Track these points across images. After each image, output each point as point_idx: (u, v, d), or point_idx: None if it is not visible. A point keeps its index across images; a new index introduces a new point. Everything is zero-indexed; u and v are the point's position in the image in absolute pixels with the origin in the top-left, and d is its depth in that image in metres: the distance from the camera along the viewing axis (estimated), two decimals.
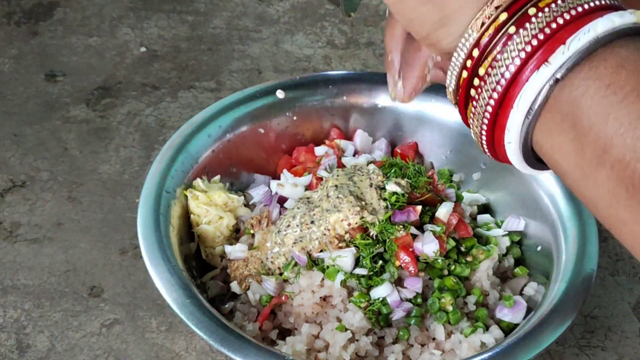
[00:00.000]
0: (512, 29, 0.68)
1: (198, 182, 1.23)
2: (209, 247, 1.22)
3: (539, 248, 1.23)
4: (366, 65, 1.69)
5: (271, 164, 1.35)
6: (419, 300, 1.12)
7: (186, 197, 1.21)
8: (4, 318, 1.23)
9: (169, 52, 1.70)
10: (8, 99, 1.58)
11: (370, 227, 1.12)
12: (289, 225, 1.15)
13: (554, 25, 0.67)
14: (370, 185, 1.15)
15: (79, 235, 1.34)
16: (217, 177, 1.27)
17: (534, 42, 0.67)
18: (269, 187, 1.30)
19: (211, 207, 1.21)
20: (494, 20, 0.69)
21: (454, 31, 0.73)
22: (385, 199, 1.14)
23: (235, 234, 1.25)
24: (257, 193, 1.29)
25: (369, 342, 1.10)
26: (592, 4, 0.67)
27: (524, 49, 0.67)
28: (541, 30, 0.67)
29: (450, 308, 1.11)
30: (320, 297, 1.12)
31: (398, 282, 1.13)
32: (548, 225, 1.20)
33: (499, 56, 0.69)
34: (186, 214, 1.22)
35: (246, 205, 1.29)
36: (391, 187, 1.15)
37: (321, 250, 1.13)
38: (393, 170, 1.20)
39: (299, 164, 1.33)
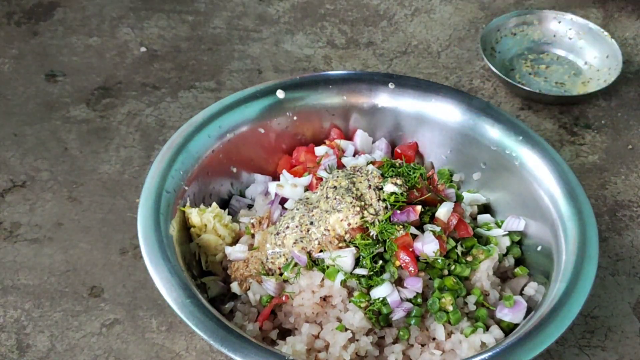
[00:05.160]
0: None
1: (193, 212, 1.20)
2: (211, 255, 1.21)
3: (539, 248, 1.23)
4: (366, 65, 1.69)
5: (271, 164, 1.35)
6: (419, 300, 1.12)
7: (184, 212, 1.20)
8: (4, 318, 1.23)
9: (169, 52, 1.70)
10: (8, 99, 1.58)
11: (370, 227, 1.12)
12: (287, 227, 1.15)
13: None
14: (369, 187, 1.15)
15: (79, 235, 1.34)
16: (214, 206, 1.23)
17: None
18: (267, 191, 1.30)
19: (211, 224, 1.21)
20: None
21: None
22: (384, 200, 1.14)
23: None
24: (258, 203, 1.29)
25: (369, 342, 1.10)
26: None
27: None
28: None
29: (450, 308, 1.11)
30: (320, 297, 1.12)
31: (398, 282, 1.13)
32: (548, 225, 1.20)
33: None
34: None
35: (250, 205, 1.30)
36: (389, 187, 1.15)
37: (321, 251, 1.13)
38: (390, 170, 1.20)
39: (299, 164, 1.33)
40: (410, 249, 1.12)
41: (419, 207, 1.14)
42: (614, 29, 1.79)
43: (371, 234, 1.12)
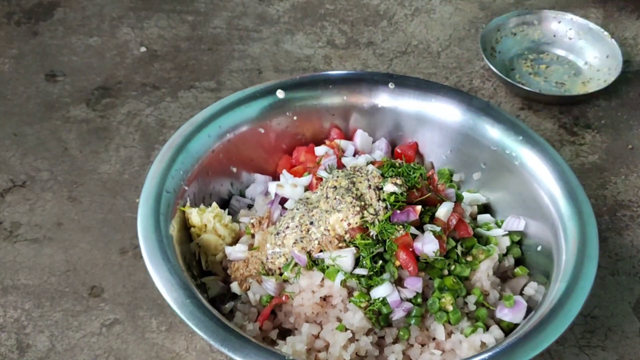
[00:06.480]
0: None
1: (193, 212, 1.20)
2: (211, 255, 1.21)
3: (539, 248, 1.23)
4: (366, 65, 1.69)
5: (271, 163, 1.35)
6: (419, 300, 1.12)
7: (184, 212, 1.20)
8: (4, 318, 1.23)
9: (169, 52, 1.70)
10: (8, 99, 1.58)
11: (370, 227, 1.12)
12: (287, 227, 1.15)
13: None
14: (369, 187, 1.15)
15: (79, 235, 1.34)
16: (214, 206, 1.23)
17: None
18: (267, 191, 1.30)
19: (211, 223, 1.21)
20: None
21: None
22: (384, 200, 1.14)
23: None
24: (258, 203, 1.29)
25: (369, 342, 1.10)
26: None
27: None
28: None
29: (450, 308, 1.11)
30: (321, 297, 1.12)
31: (398, 282, 1.13)
32: (548, 225, 1.20)
33: None
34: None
35: (250, 205, 1.30)
36: (389, 187, 1.15)
37: (321, 251, 1.13)
38: (390, 170, 1.20)
39: (299, 164, 1.33)
40: (410, 249, 1.12)
41: (419, 207, 1.14)
42: (614, 29, 1.79)
43: (371, 234, 1.12)
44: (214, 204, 1.23)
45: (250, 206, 1.31)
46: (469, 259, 1.17)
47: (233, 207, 1.31)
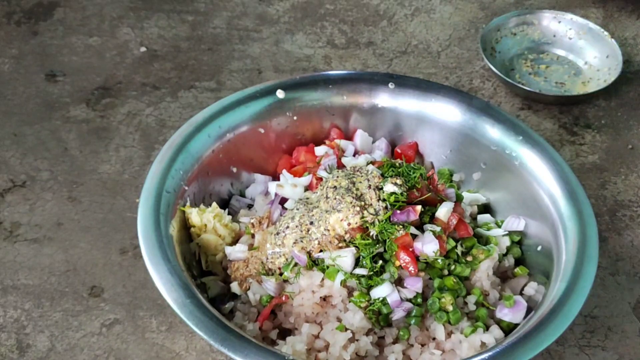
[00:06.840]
0: None
1: (193, 212, 1.20)
2: (211, 255, 1.21)
3: (539, 248, 1.23)
4: (366, 65, 1.69)
5: (271, 163, 1.35)
6: (419, 300, 1.12)
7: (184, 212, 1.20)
8: (4, 318, 1.23)
9: (169, 52, 1.70)
10: (8, 99, 1.58)
11: (370, 227, 1.12)
12: (287, 227, 1.15)
13: None
14: (369, 187, 1.15)
15: (79, 235, 1.34)
16: (214, 206, 1.23)
17: None
18: (267, 191, 1.30)
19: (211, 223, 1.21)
20: None
21: None
22: (384, 200, 1.14)
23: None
24: (258, 202, 1.29)
25: (369, 342, 1.10)
26: None
27: None
28: None
29: (450, 308, 1.11)
30: (320, 297, 1.12)
31: (398, 282, 1.13)
32: (548, 225, 1.20)
33: None
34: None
35: (250, 205, 1.30)
36: (389, 187, 1.15)
37: (321, 251, 1.13)
38: (390, 170, 1.20)
39: (299, 164, 1.33)
40: (410, 249, 1.12)
41: (419, 207, 1.14)
42: (614, 28, 1.79)
43: (371, 234, 1.12)
44: (214, 204, 1.23)
45: (250, 206, 1.31)
46: (469, 259, 1.17)
47: (233, 207, 1.31)
